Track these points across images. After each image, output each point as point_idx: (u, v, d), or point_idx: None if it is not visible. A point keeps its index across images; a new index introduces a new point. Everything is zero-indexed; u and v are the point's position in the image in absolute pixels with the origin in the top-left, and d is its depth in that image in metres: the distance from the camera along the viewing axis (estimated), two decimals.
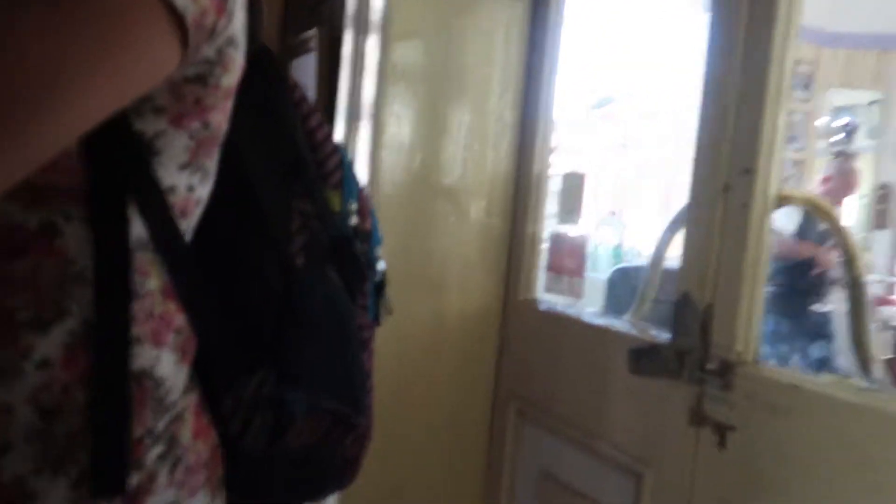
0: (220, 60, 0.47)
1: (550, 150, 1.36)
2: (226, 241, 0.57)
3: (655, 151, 6.12)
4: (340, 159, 0.70)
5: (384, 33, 1.26)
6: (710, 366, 0.96)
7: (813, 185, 4.21)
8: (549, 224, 1.39)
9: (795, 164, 5.93)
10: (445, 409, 1.38)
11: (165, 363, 0.48)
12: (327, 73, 1.53)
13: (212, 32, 0.45)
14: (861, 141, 5.94)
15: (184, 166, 0.48)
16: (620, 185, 6.25)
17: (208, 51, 0.46)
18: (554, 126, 1.36)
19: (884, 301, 5.13)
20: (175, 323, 0.49)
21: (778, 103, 0.91)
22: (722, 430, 0.94)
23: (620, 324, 1.16)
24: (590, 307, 1.33)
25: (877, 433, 0.77)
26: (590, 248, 1.25)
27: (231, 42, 0.48)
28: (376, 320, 0.76)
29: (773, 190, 0.92)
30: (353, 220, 0.69)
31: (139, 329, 0.46)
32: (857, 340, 0.87)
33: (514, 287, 1.39)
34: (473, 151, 1.36)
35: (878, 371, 0.85)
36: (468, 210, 1.37)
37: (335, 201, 0.66)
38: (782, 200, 0.92)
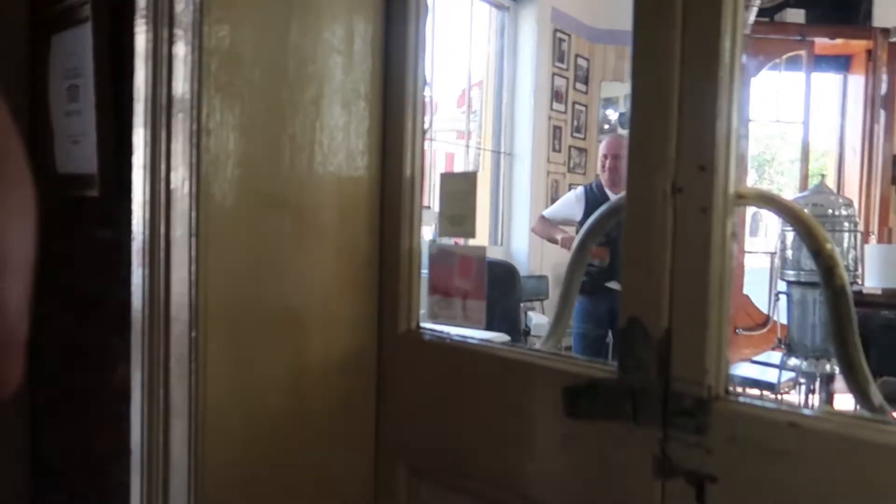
0: None
1: (423, 148, 1.12)
2: None
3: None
4: None
5: (201, 6, 0.92)
6: (675, 405, 0.79)
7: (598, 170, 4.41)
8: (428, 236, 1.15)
9: (579, 151, 6.30)
10: (319, 482, 1.09)
11: None
12: (109, 55, 1.14)
13: None
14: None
15: None
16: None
17: None
18: (427, 121, 1.12)
19: None
20: None
21: (732, 81, 0.77)
22: (699, 482, 0.78)
23: (542, 355, 0.96)
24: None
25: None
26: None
27: None
28: None
29: (732, 189, 0.78)
30: None
31: None
32: (849, 365, 0.77)
33: (389, 318, 1.13)
34: (327, 155, 1.08)
35: (878, 396, 0.75)
36: (324, 228, 1.08)
37: None
38: (740, 200, 0.78)
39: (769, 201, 0.80)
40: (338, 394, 1.11)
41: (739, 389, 0.85)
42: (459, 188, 1.07)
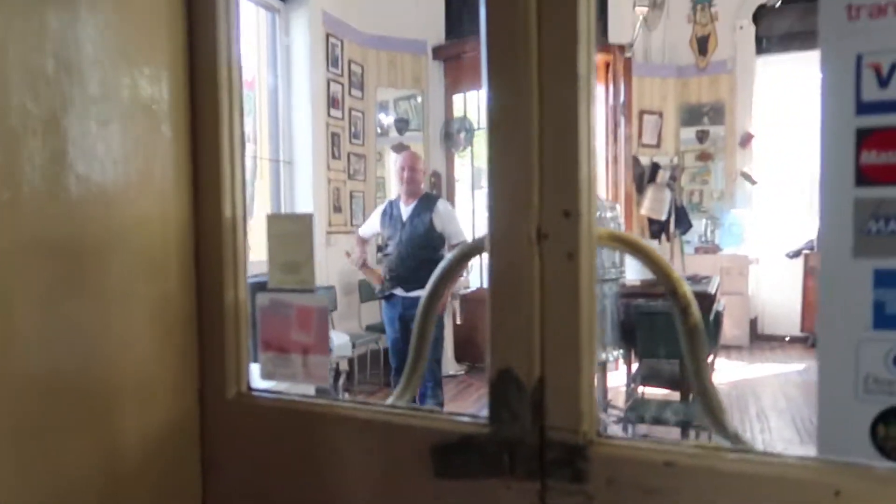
0: None
1: (244, 182, 0.99)
2: None
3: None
4: None
5: None
6: (553, 453, 0.78)
7: (394, 179, 4.52)
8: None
9: (358, 157, 6.29)
10: None
11: None
12: None
13: None
14: (410, 132, 6.63)
15: None
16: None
17: None
18: (246, 153, 0.99)
19: None
20: None
21: (589, 130, 0.77)
22: None
23: (401, 412, 0.89)
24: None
25: (760, 499, 0.70)
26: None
27: None
28: None
29: (594, 233, 0.78)
30: None
31: None
32: (705, 399, 0.80)
33: (215, 381, 0.98)
34: (124, 191, 0.90)
35: (731, 425, 0.79)
36: (126, 281, 0.91)
37: None
38: (602, 242, 0.78)
39: (626, 243, 0.82)
40: (159, 471, 0.94)
41: None
42: (291, 230, 0.96)
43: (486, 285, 0.82)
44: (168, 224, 0.95)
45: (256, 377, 1.00)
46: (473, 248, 0.94)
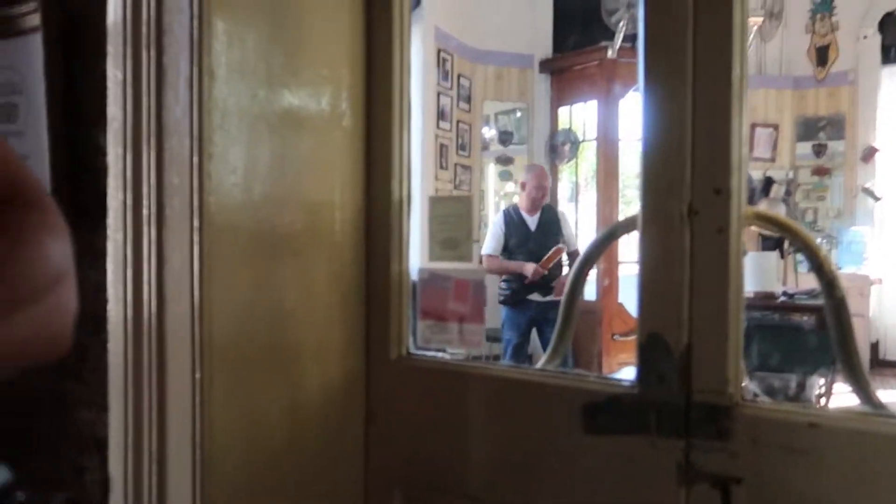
0: None
1: (409, 167, 1.11)
2: None
3: None
4: None
5: (200, 9, 0.87)
6: (698, 414, 0.85)
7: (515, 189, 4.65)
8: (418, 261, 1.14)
9: (464, 168, 6.45)
10: None
11: None
12: (64, 70, 1.04)
13: None
14: (513, 145, 6.74)
15: None
16: None
17: None
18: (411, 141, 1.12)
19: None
20: None
21: (741, 111, 0.83)
22: (724, 485, 0.83)
23: (552, 374, 0.98)
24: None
25: None
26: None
27: None
28: None
29: (743, 210, 0.84)
30: None
31: None
32: (850, 369, 0.85)
33: (380, 344, 1.11)
34: (314, 182, 1.04)
35: (877, 395, 0.84)
36: (314, 255, 1.05)
37: None
38: (749, 220, 0.85)
39: (772, 221, 0.88)
40: (331, 423, 1.07)
41: None
42: (452, 211, 1.08)
43: (587, 297, 0.90)
44: (345, 208, 1.09)
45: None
46: (624, 226, 1.02)
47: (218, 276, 0.89)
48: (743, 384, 0.84)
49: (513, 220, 4.41)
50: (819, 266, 0.86)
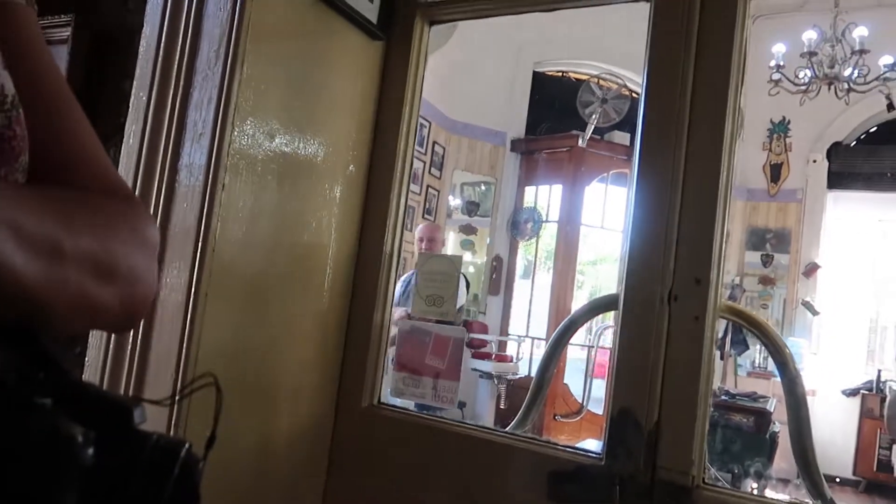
0: None
1: (403, 223, 1.15)
2: None
3: None
4: None
5: (235, 50, 0.91)
6: (661, 492, 0.88)
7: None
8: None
9: None
10: None
11: None
12: (84, 81, 1.06)
13: None
14: (478, 217, 6.87)
15: None
16: None
17: None
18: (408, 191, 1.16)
19: (499, 357, 5.94)
20: None
21: (725, 213, 0.91)
22: None
23: (522, 438, 1.00)
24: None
25: None
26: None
27: None
28: None
29: (719, 302, 0.91)
30: None
31: None
32: (805, 464, 0.90)
33: (353, 391, 1.12)
34: (314, 222, 1.07)
35: (828, 490, 0.88)
36: (308, 297, 1.07)
37: None
38: (723, 312, 0.91)
39: (743, 315, 0.95)
40: (296, 466, 1.06)
41: None
42: (440, 269, 1.12)
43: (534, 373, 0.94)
44: (338, 254, 1.12)
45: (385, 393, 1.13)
46: (604, 304, 1.07)
47: (210, 312, 0.90)
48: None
49: (409, 279, 4.48)
50: (784, 363, 0.93)
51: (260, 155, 0.97)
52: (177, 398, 0.46)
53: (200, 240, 0.88)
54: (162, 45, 0.94)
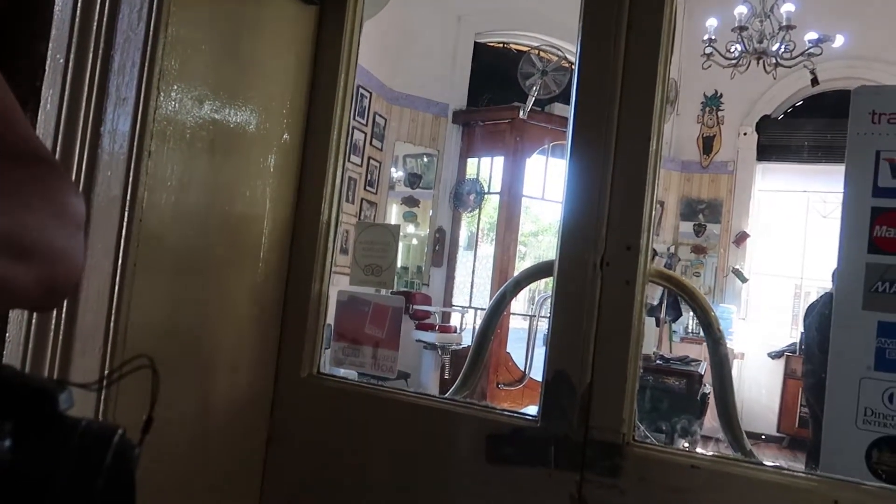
0: None
1: (342, 192, 1.14)
2: None
3: None
4: None
5: (158, 11, 0.87)
6: (593, 451, 0.91)
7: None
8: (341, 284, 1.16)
9: (370, 204, 6.49)
10: None
11: None
12: (4, 49, 1.00)
13: None
14: (420, 189, 6.86)
15: None
16: None
17: None
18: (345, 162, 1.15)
19: (443, 328, 5.99)
20: None
21: (654, 180, 0.93)
22: None
23: (461, 404, 1.02)
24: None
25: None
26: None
27: None
28: None
29: (649, 267, 0.94)
30: None
31: None
32: (727, 418, 0.94)
33: (291, 361, 1.11)
34: (248, 191, 1.05)
35: (747, 443, 0.93)
36: (243, 268, 1.05)
37: None
38: (653, 276, 0.94)
39: (671, 280, 0.98)
40: (235, 437, 1.05)
41: None
42: (378, 238, 1.11)
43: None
44: (274, 224, 1.10)
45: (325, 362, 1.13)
46: (540, 270, 1.09)
47: (139, 286, 0.87)
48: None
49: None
50: (709, 324, 0.97)
51: (189, 122, 0.94)
52: (106, 382, 0.42)
53: (126, 210, 0.85)
54: (79, 4, 0.89)
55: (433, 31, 6.69)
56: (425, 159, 6.96)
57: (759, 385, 7.59)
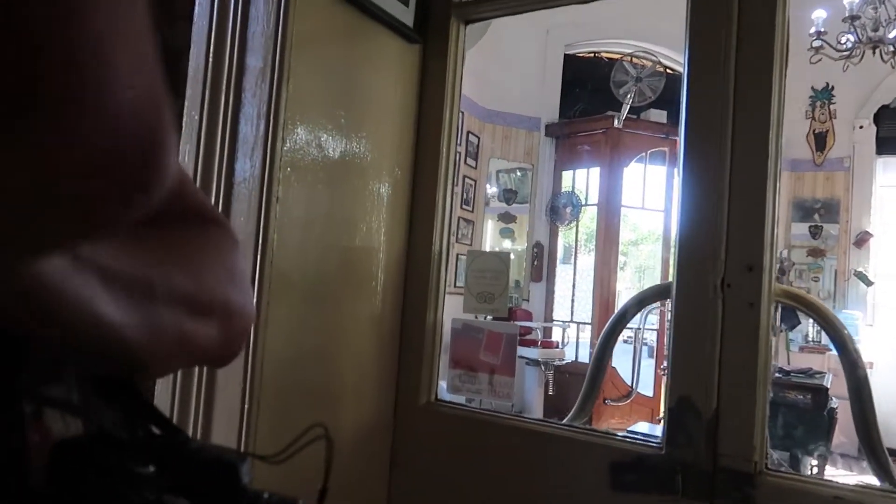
0: None
1: (452, 222, 1.17)
2: None
3: None
4: None
5: (282, 55, 0.93)
6: (723, 479, 0.88)
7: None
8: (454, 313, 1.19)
9: (467, 223, 6.55)
10: None
11: None
12: None
13: None
14: (516, 204, 6.86)
15: None
16: None
17: None
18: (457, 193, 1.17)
19: (545, 343, 5.93)
20: None
21: (775, 192, 0.90)
22: None
23: (582, 430, 1.02)
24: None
25: None
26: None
27: None
28: None
29: (773, 286, 0.90)
30: None
31: None
32: (871, 446, 0.90)
33: (410, 390, 1.15)
34: (366, 229, 1.10)
35: (894, 470, 0.88)
36: (362, 299, 1.09)
37: None
38: (778, 296, 0.90)
39: (799, 299, 0.94)
40: (360, 464, 1.10)
41: None
42: (490, 266, 1.13)
43: (581, 359, 0.94)
44: (388, 255, 1.14)
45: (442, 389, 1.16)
46: (657, 292, 1.08)
47: (272, 322, 0.93)
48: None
49: None
50: (843, 345, 0.92)
51: (309, 163, 0.99)
52: (286, 455, 0.43)
53: (259, 251, 0.92)
54: (210, 64, 0.97)
55: (522, 46, 6.71)
56: (519, 174, 6.96)
57: (893, 395, 7.01)
